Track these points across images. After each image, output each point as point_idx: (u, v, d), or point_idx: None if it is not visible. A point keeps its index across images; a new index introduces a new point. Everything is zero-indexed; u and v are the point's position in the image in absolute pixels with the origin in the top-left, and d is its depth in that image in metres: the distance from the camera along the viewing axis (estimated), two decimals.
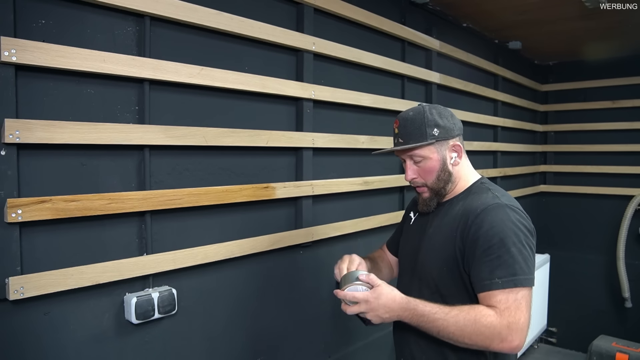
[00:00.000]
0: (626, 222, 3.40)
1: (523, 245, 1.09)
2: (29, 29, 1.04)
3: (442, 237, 1.20)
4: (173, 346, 1.35)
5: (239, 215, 1.51)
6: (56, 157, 1.10)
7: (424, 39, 2.32)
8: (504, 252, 1.07)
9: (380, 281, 1.13)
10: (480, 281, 1.09)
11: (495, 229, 1.09)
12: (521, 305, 1.05)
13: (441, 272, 1.18)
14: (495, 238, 1.08)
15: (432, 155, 1.21)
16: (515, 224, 1.10)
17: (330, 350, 1.90)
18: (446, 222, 1.21)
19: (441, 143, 1.21)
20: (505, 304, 1.05)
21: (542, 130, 3.91)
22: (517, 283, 1.05)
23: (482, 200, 1.15)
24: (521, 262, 1.07)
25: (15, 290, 1.00)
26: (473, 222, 1.12)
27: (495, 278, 1.06)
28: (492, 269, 1.07)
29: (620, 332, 3.28)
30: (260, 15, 1.53)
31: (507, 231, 1.09)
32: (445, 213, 1.23)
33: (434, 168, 1.21)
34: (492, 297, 1.06)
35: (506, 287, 1.05)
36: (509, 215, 1.11)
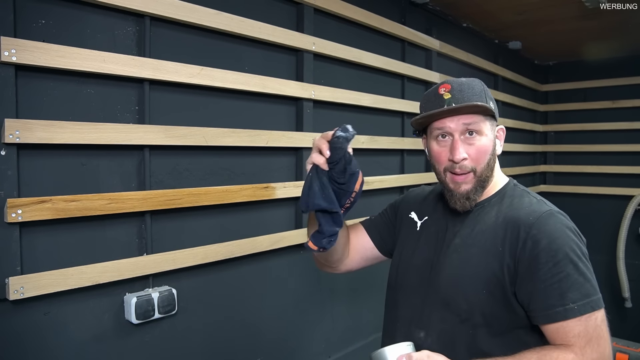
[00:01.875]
0: (626, 222, 3.40)
1: (587, 258, 0.92)
2: (29, 29, 1.04)
3: (479, 252, 0.96)
4: (173, 346, 1.34)
5: (239, 215, 1.51)
6: (56, 157, 1.10)
7: (424, 39, 2.32)
8: (573, 269, 0.88)
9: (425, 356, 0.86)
10: (548, 309, 0.88)
11: (558, 242, 0.90)
12: (603, 332, 0.87)
13: (480, 297, 0.94)
14: (560, 253, 0.89)
15: (488, 132, 0.98)
16: (575, 233, 0.93)
17: (330, 350, 1.90)
18: (480, 231, 0.98)
19: (493, 123, 1.00)
20: (585, 337, 0.86)
21: (542, 130, 3.90)
22: (594, 305, 0.87)
23: (528, 207, 0.95)
24: (591, 280, 0.89)
25: (15, 290, 1.00)
26: (528, 234, 0.91)
27: (569, 303, 0.86)
28: (562, 292, 0.87)
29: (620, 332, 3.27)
30: (260, 15, 1.53)
31: (570, 243, 0.90)
32: (477, 220, 1.00)
33: (487, 149, 0.98)
34: (569, 329, 0.86)
35: (584, 313, 0.86)
36: (567, 223, 0.94)
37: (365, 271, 2.07)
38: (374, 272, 2.12)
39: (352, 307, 2.00)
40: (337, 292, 1.93)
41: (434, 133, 1.01)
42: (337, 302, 1.93)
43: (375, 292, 2.13)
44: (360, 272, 2.05)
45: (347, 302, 1.97)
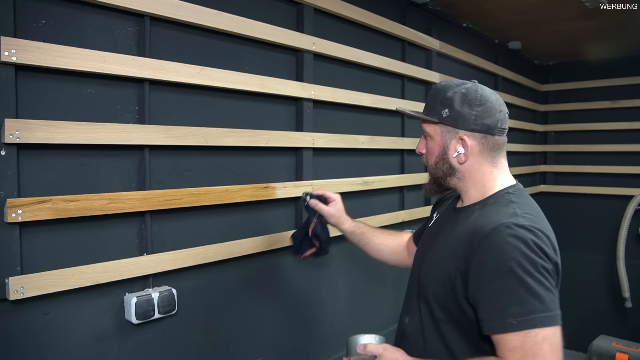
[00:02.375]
0: (626, 222, 3.40)
1: (542, 274, 0.89)
2: (29, 29, 1.04)
3: (446, 253, 1.02)
4: (173, 346, 1.34)
5: (239, 215, 1.51)
6: (56, 157, 1.10)
7: (424, 39, 2.32)
8: (517, 284, 0.87)
9: (382, 349, 1.01)
10: (489, 320, 0.90)
11: (505, 256, 0.89)
12: (542, 351, 0.85)
13: (437, 294, 1.02)
14: (505, 267, 0.88)
15: (435, 136, 1.08)
16: (531, 247, 0.90)
17: (330, 350, 1.90)
18: (455, 234, 1.03)
19: (448, 129, 1.05)
20: (520, 352, 0.85)
21: (542, 130, 3.90)
22: (537, 323, 0.85)
23: (495, 216, 0.96)
24: (542, 296, 0.87)
25: (15, 290, 1.00)
26: (480, 243, 0.93)
27: (509, 317, 0.86)
28: (503, 305, 0.88)
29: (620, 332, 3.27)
30: (260, 15, 1.53)
31: (519, 258, 0.88)
32: (458, 223, 1.06)
33: (434, 151, 1.09)
34: (506, 343, 0.87)
35: (522, 329, 0.85)
36: (524, 237, 0.90)
37: (365, 271, 2.08)
38: (373, 272, 2.12)
39: (352, 307, 2.00)
40: (337, 292, 1.93)
41: None
42: (337, 302, 1.93)
43: (375, 292, 2.13)
44: (360, 272, 2.05)
45: (347, 302, 1.97)
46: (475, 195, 1.08)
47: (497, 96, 1.09)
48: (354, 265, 2.02)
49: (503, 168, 1.08)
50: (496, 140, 1.05)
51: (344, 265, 1.96)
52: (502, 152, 1.08)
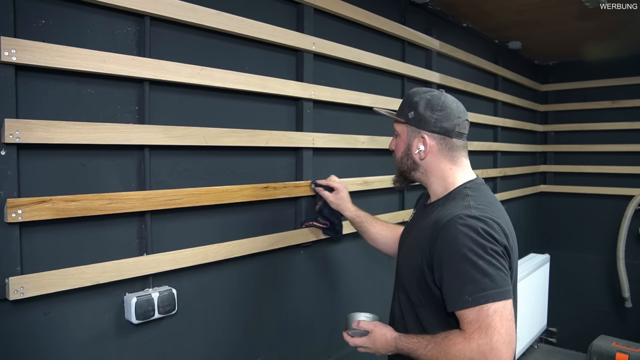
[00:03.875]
0: (626, 222, 3.40)
1: (492, 256, 1.02)
2: (29, 29, 1.04)
3: (415, 245, 1.17)
4: (173, 346, 1.35)
5: (239, 215, 1.51)
6: (56, 157, 1.10)
7: (424, 39, 2.32)
8: (470, 266, 1.01)
9: (372, 325, 1.23)
10: (450, 299, 1.04)
11: (458, 243, 1.03)
12: (493, 322, 0.98)
13: (410, 281, 1.17)
14: (459, 252, 1.02)
15: (403, 134, 1.25)
16: (480, 234, 1.03)
17: (330, 350, 1.90)
18: (422, 227, 1.18)
19: (412, 128, 1.23)
20: (476, 324, 0.99)
21: (542, 130, 3.91)
22: (488, 298, 0.99)
23: (451, 210, 1.10)
24: (492, 275, 1.00)
25: (15, 290, 1.00)
26: (438, 234, 1.07)
27: (465, 295, 1.00)
28: (460, 285, 1.02)
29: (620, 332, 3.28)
30: (260, 15, 1.53)
31: (469, 244, 1.02)
32: (425, 217, 1.21)
33: (400, 148, 1.26)
34: (464, 317, 1.01)
35: (476, 304, 0.99)
36: (474, 225, 1.04)
37: (365, 271, 2.08)
38: (373, 272, 2.12)
39: (352, 307, 1.99)
40: (337, 292, 1.93)
41: None
42: (337, 302, 1.93)
43: (375, 292, 2.13)
44: (360, 272, 2.05)
45: (347, 302, 1.97)
46: (438, 190, 1.24)
47: (459, 105, 1.24)
48: (354, 265, 2.02)
49: (463, 166, 1.23)
50: (454, 142, 1.21)
51: (344, 265, 1.96)
52: (463, 152, 1.24)
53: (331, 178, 1.67)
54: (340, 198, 1.62)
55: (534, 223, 3.89)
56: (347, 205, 1.62)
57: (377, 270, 2.15)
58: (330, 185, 1.64)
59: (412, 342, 1.12)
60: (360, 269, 2.05)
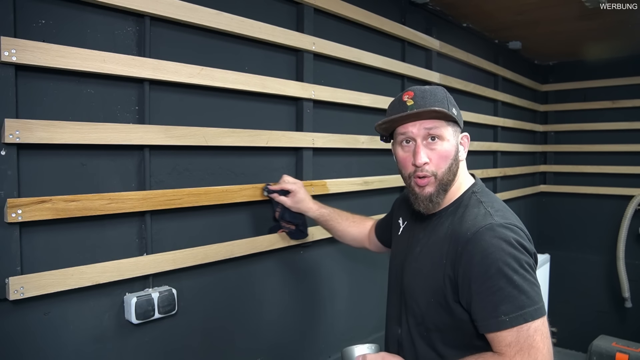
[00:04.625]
0: (626, 222, 3.40)
1: (526, 270, 0.93)
2: (29, 29, 1.04)
3: (429, 263, 1.04)
4: (173, 346, 1.34)
5: (239, 215, 1.51)
6: (56, 157, 1.10)
7: (424, 39, 2.32)
8: (505, 283, 0.91)
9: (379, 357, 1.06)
10: (483, 320, 0.94)
11: (490, 257, 0.93)
12: (535, 342, 0.90)
13: (429, 305, 1.04)
14: (493, 268, 0.92)
15: (450, 137, 1.03)
16: (513, 245, 0.94)
17: (330, 350, 1.90)
18: (434, 242, 1.05)
19: (456, 129, 1.05)
20: (516, 347, 0.90)
21: (542, 130, 3.91)
22: (527, 317, 0.90)
23: (472, 220, 0.99)
24: (528, 291, 0.92)
25: (15, 290, 1.00)
26: (464, 249, 0.96)
27: (501, 315, 0.91)
28: (495, 305, 0.92)
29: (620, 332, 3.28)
30: (260, 15, 1.53)
31: (504, 257, 0.92)
32: (433, 230, 1.07)
33: (449, 154, 1.02)
34: (501, 339, 0.92)
35: (515, 325, 0.90)
36: (505, 236, 0.94)
37: (365, 272, 2.08)
38: (373, 272, 2.12)
39: (352, 307, 2.00)
40: (337, 292, 1.93)
41: (399, 138, 1.08)
42: (337, 302, 1.93)
43: (375, 292, 2.13)
44: (360, 272, 2.05)
45: (347, 302, 1.97)
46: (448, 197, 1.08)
47: None
48: (354, 265, 2.02)
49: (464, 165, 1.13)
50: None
51: (343, 265, 1.96)
52: None
53: (283, 179, 1.50)
54: (299, 200, 1.47)
55: (534, 223, 3.89)
56: (308, 206, 1.48)
57: (377, 270, 2.15)
58: (285, 188, 1.47)
59: None
60: (360, 269, 2.05)
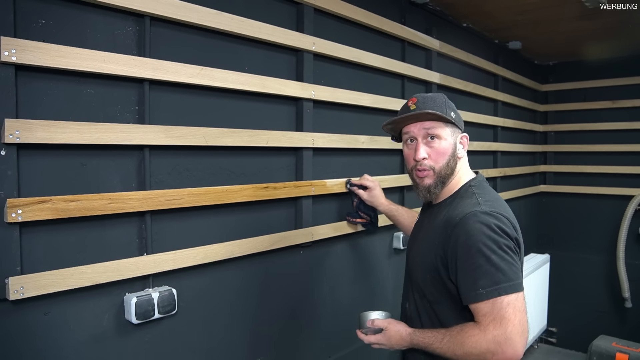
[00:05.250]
0: (626, 222, 3.40)
1: (504, 251, 1.07)
2: (29, 29, 1.04)
3: (427, 244, 1.22)
4: (173, 346, 1.35)
5: (239, 215, 1.51)
6: (56, 157, 1.10)
7: (424, 39, 2.32)
8: (484, 261, 1.06)
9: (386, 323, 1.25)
10: (465, 293, 1.09)
11: (472, 239, 1.08)
12: (507, 314, 1.03)
13: (425, 280, 1.21)
14: (473, 248, 1.07)
15: (447, 137, 1.22)
16: (493, 229, 1.08)
17: (330, 350, 1.90)
18: (432, 227, 1.22)
19: (454, 129, 1.24)
20: (490, 317, 1.04)
21: (542, 130, 3.91)
22: (502, 291, 1.04)
23: (462, 208, 1.15)
24: (504, 269, 1.05)
25: (15, 290, 1.00)
26: (452, 232, 1.12)
27: (479, 289, 1.05)
28: (474, 279, 1.06)
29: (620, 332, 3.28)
30: (260, 15, 1.53)
31: (484, 239, 1.07)
32: (434, 217, 1.25)
33: (446, 151, 1.21)
34: (479, 310, 1.06)
35: (490, 297, 1.04)
36: (487, 221, 1.09)
37: (365, 271, 2.08)
38: (374, 272, 2.12)
39: (352, 307, 2.00)
40: (338, 292, 1.93)
41: (404, 138, 1.28)
42: (337, 302, 1.93)
43: (375, 292, 2.13)
44: (360, 272, 2.05)
45: (347, 302, 1.97)
46: (449, 189, 1.26)
47: None
48: (354, 265, 2.02)
49: (465, 162, 1.29)
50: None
51: (344, 265, 1.96)
52: None
53: (364, 177, 1.79)
54: (374, 196, 1.75)
55: (534, 223, 3.89)
56: (380, 201, 1.75)
57: (377, 270, 2.15)
58: (364, 184, 1.77)
59: (427, 337, 1.16)
60: (360, 269, 2.05)
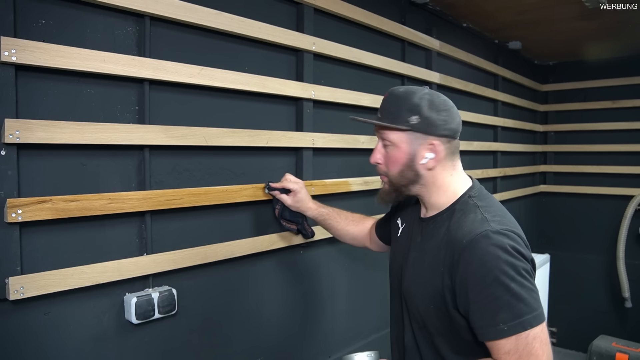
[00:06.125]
0: (626, 222, 3.40)
1: (523, 276, 0.93)
2: (29, 29, 1.04)
3: (427, 269, 1.04)
4: (173, 346, 1.35)
5: (239, 215, 1.51)
6: (56, 157, 1.10)
7: (424, 39, 2.32)
8: (503, 291, 0.91)
9: None
10: (482, 328, 0.94)
11: (487, 265, 0.92)
12: (534, 349, 0.90)
13: (428, 310, 1.05)
14: (489, 276, 0.92)
15: (401, 144, 1.06)
16: (510, 252, 0.93)
17: (330, 350, 1.90)
18: (430, 247, 1.06)
19: (416, 135, 1.05)
20: (515, 355, 0.90)
21: (542, 130, 3.91)
22: (526, 325, 0.90)
23: (468, 226, 0.98)
24: (526, 299, 0.91)
25: (15, 290, 1.00)
26: (460, 257, 0.96)
27: (500, 324, 0.91)
28: (493, 313, 0.92)
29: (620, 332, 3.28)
30: (260, 15, 1.53)
31: (501, 265, 0.92)
32: (430, 235, 1.08)
33: (398, 160, 1.07)
34: (499, 347, 0.92)
35: (514, 333, 0.90)
36: (501, 243, 0.93)
37: (365, 272, 2.08)
38: (373, 272, 2.12)
39: (352, 307, 2.00)
40: (337, 292, 1.93)
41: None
42: (337, 302, 1.93)
43: (375, 292, 2.13)
44: (360, 272, 2.05)
45: (347, 302, 1.97)
46: (439, 202, 1.09)
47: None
48: (354, 266, 2.02)
49: (459, 170, 1.11)
50: (456, 143, 1.09)
51: (344, 265, 1.96)
52: (458, 154, 1.12)
53: (286, 178, 1.51)
54: (299, 200, 1.49)
55: (534, 223, 3.89)
56: (307, 205, 1.50)
57: (377, 270, 2.15)
58: (286, 187, 1.49)
59: None
60: (360, 269, 2.05)
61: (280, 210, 1.53)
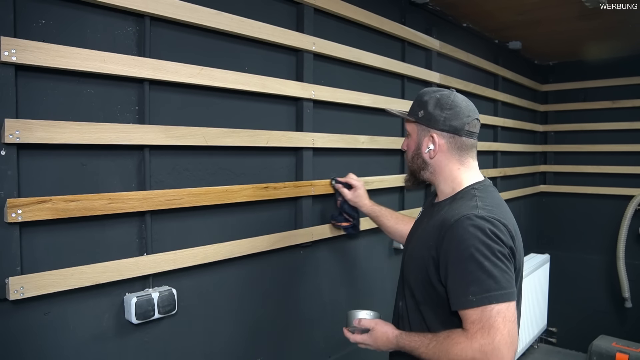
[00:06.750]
0: (626, 222, 3.40)
1: (498, 258, 1.03)
2: (29, 29, 1.04)
3: (421, 243, 1.19)
4: (173, 346, 1.35)
5: (239, 215, 1.51)
6: (56, 157, 1.10)
7: (424, 39, 2.32)
8: (476, 267, 1.02)
9: (373, 323, 1.25)
10: (455, 298, 1.05)
11: (466, 243, 1.03)
12: (496, 323, 0.99)
13: (417, 281, 1.18)
14: (466, 252, 1.03)
15: (413, 134, 1.27)
16: (488, 235, 1.04)
17: (330, 350, 1.90)
18: (429, 226, 1.19)
19: (422, 127, 1.24)
20: (478, 325, 1.00)
21: (542, 130, 3.91)
22: (492, 299, 1.00)
23: (459, 210, 1.10)
24: (497, 276, 1.01)
25: (15, 290, 1.00)
26: (445, 234, 1.08)
27: (470, 295, 1.01)
28: (465, 285, 1.03)
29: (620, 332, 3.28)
30: (260, 15, 1.53)
31: (477, 244, 1.02)
32: (432, 216, 1.22)
33: (410, 147, 1.28)
34: (467, 317, 1.02)
35: (480, 305, 1.00)
36: (481, 226, 1.04)
37: (365, 272, 2.08)
38: (374, 273, 2.12)
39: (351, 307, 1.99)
40: (338, 292, 1.93)
41: None
42: (337, 302, 1.93)
43: (375, 292, 2.13)
44: (360, 272, 2.05)
45: (347, 302, 1.97)
46: (446, 190, 1.24)
47: (469, 103, 1.24)
48: (354, 266, 2.02)
49: (471, 167, 1.23)
50: (463, 141, 1.21)
51: (343, 265, 1.96)
52: (471, 153, 1.23)
53: (349, 176, 1.75)
54: (358, 195, 1.71)
55: (534, 223, 3.89)
56: (364, 202, 1.71)
57: (377, 270, 2.15)
58: (349, 183, 1.73)
59: (414, 341, 1.14)
60: (359, 269, 2.05)
61: (341, 202, 1.76)
